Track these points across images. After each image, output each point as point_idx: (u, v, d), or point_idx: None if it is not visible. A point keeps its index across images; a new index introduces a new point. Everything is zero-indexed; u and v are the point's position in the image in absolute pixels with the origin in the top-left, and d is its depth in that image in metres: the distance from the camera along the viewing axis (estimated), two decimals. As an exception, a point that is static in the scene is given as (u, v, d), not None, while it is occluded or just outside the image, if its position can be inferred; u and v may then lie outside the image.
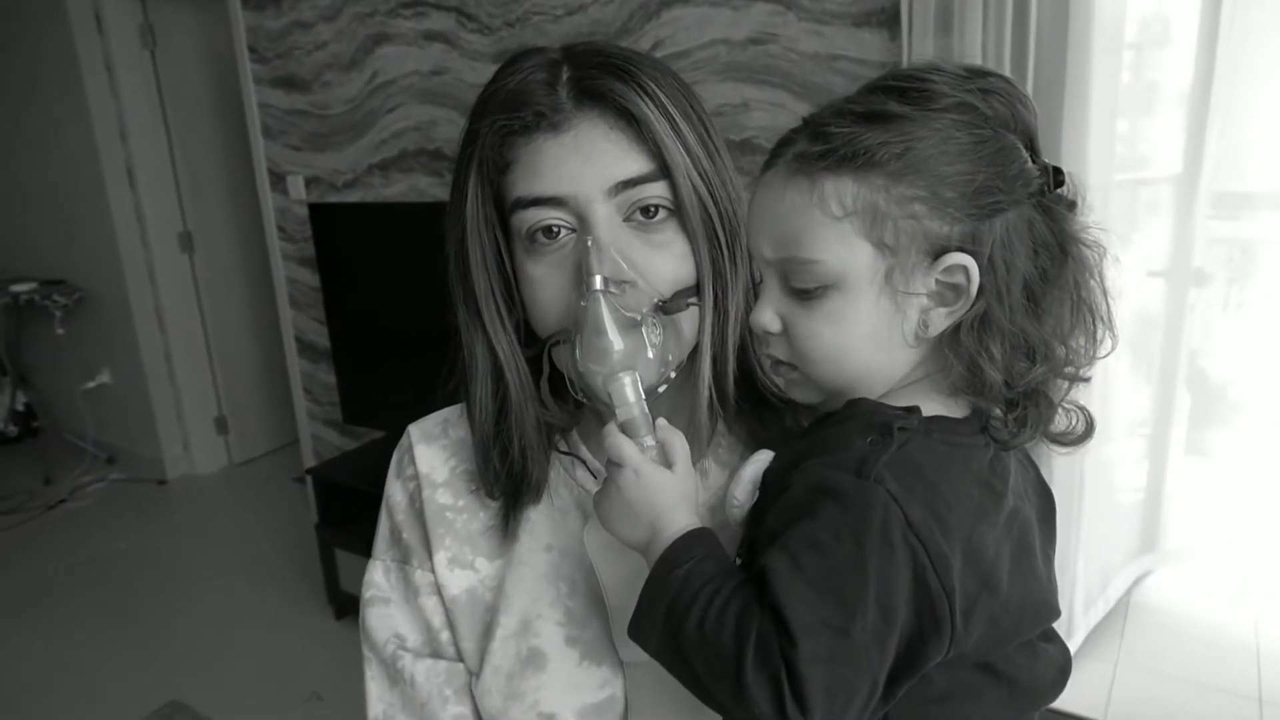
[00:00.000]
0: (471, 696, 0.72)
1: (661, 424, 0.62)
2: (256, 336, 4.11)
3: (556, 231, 0.63)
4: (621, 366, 0.60)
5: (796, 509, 0.53)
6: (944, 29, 1.77)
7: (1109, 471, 2.36)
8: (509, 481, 0.71)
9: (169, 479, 3.98)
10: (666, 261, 0.64)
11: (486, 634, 0.71)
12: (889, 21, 1.89)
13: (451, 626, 0.73)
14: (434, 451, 0.77)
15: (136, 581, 3.17)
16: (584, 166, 0.62)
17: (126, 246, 3.72)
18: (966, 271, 0.55)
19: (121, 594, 3.08)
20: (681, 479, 0.60)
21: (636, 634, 0.57)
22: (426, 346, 0.72)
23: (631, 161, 0.62)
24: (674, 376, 0.66)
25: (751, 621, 0.50)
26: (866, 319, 0.56)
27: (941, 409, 0.58)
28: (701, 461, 0.72)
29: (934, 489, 0.53)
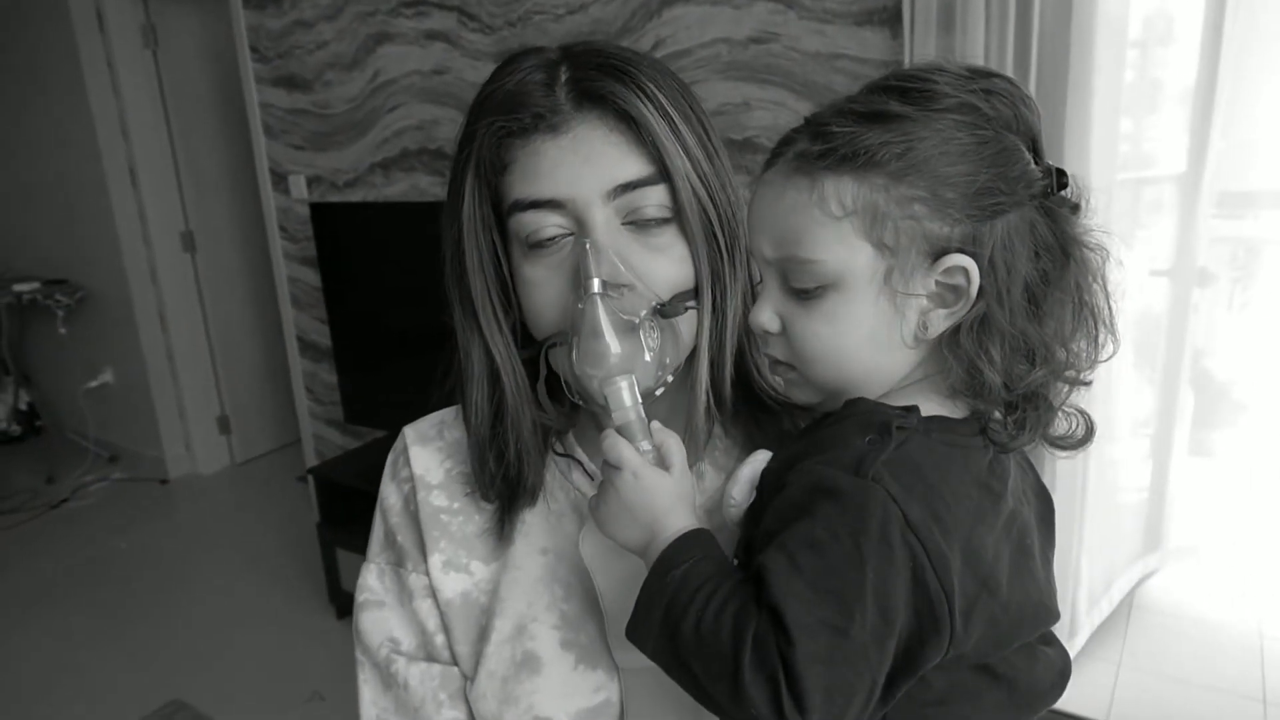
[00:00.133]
0: (466, 701, 0.71)
1: (657, 427, 0.61)
2: (259, 336, 4.11)
3: (554, 235, 0.63)
4: (618, 370, 0.60)
5: (794, 509, 0.53)
6: (946, 27, 1.76)
7: (1112, 471, 2.35)
8: (505, 484, 0.70)
9: (171, 478, 3.99)
10: (665, 265, 0.64)
11: (481, 638, 0.70)
12: (891, 20, 1.89)
13: (446, 630, 0.72)
14: (429, 453, 0.77)
15: (138, 580, 3.18)
16: (583, 169, 0.61)
17: (129, 246, 3.72)
18: (966, 273, 0.54)
19: (123, 593, 3.09)
20: (679, 481, 0.59)
21: (634, 636, 0.56)
22: (428, 346, 0.71)
23: (631, 164, 0.62)
24: (671, 380, 0.65)
25: (749, 621, 0.50)
26: (865, 319, 0.56)
27: (940, 409, 0.58)
28: (698, 464, 0.71)
29: (933, 489, 0.53)
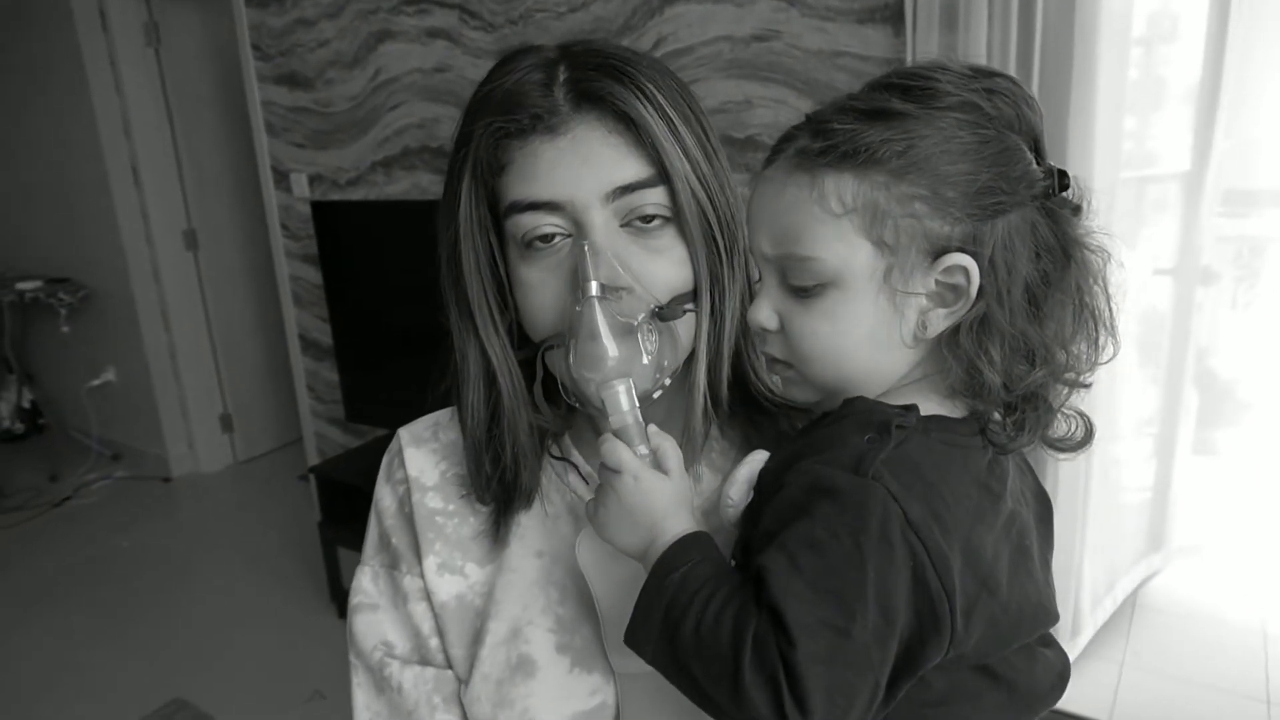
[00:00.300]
0: (460, 704, 0.71)
1: (654, 430, 0.61)
2: (261, 334, 4.11)
3: (552, 236, 0.62)
4: (616, 374, 0.59)
5: (793, 508, 0.52)
6: (949, 25, 1.75)
7: (1116, 470, 2.34)
8: (500, 487, 0.70)
9: (174, 476, 4.00)
10: (663, 267, 0.63)
11: (476, 641, 0.70)
12: (893, 18, 1.88)
13: (440, 633, 0.72)
14: (424, 455, 0.76)
15: (140, 579, 3.18)
16: (581, 170, 0.61)
17: (131, 244, 3.73)
18: (966, 272, 0.54)
19: (125, 591, 3.09)
20: (678, 484, 0.59)
21: (633, 641, 0.56)
22: (429, 345, 0.71)
23: (630, 166, 0.61)
24: (669, 383, 0.65)
25: (749, 622, 0.49)
26: (865, 318, 0.56)
27: (939, 409, 0.58)
28: (695, 467, 0.71)
29: (932, 488, 0.52)
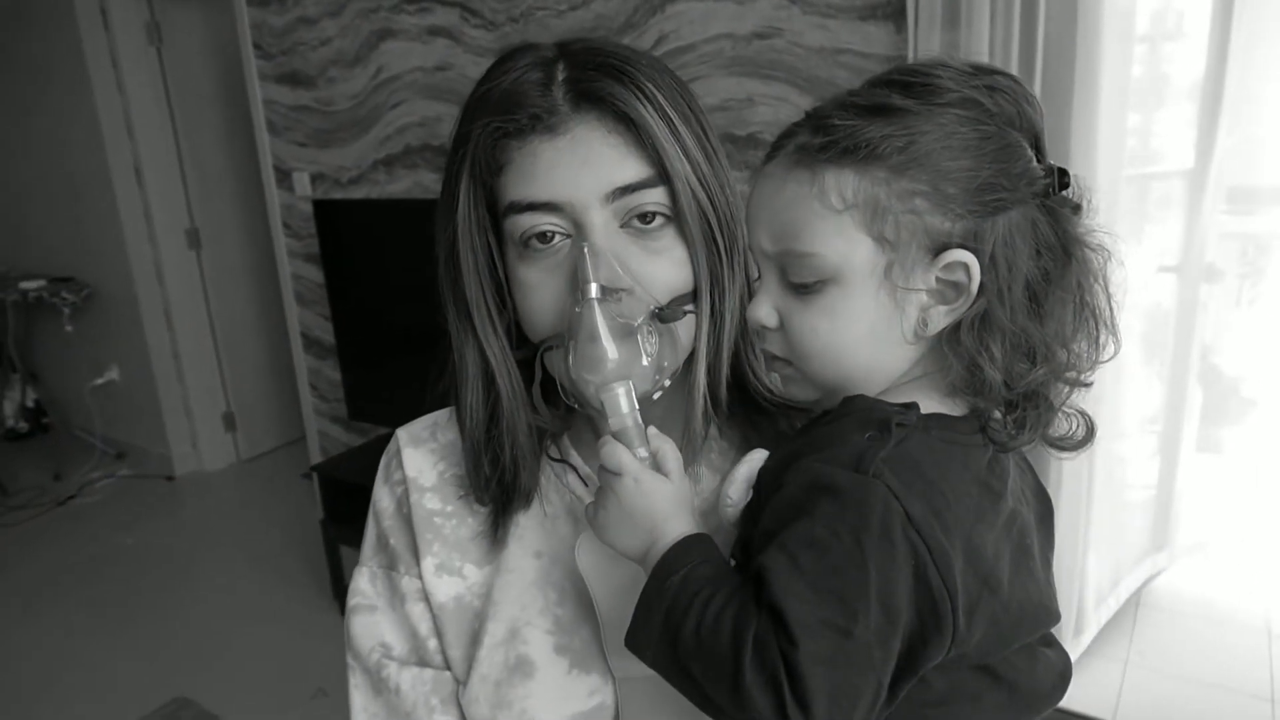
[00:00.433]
0: (458, 705, 0.70)
1: (653, 432, 0.61)
2: (264, 333, 4.12)
3: (551, 237, 0.62)
4: (615, 377, 0.59)
5: (793, 507, 0.52)
6: (951, 22, 1.75)
7: (1120, 468, 2.34)
8: (499, 488, 0.69)
9: (177, 475, 4.00)
10: (664, 268, 0.63)
11: (474, 641, 0.70)
12: (895, 15, 1.87)
13: (439, 634, 0.72)
14: (422, 455, 0.76)
15: (144, 577, 3.19)
16: (581, 171, 0.60)
17: (134, 243, 3.73)
18: (967, 269, 0.54)
19: (129, 589, 3.10)
20: (678, 486, 0.59)
21: (633, 644, 0.55)
22: (431, 343, 0.71)
23: (630, 167, 0.61)
24: (668, 384, 0.64)
25: (749, 622, 0.49)
26: (865, 315, 0.55)
27: (940, 407, 0.57)
28: (693, 467, 0.70)
29: (932, 485, 0.52)
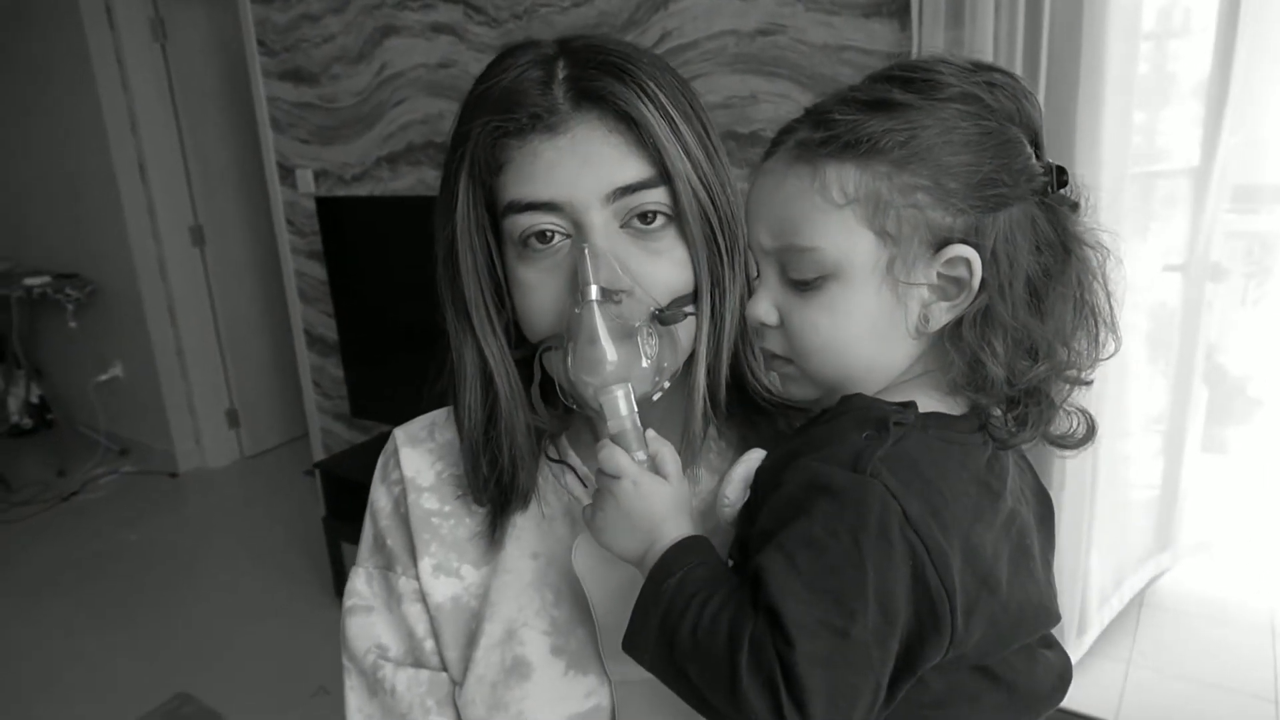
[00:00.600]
0: (454, 706, 0.70)
1: (651, 435, 0.60)
2: (267, 330, 4.12)
3: (551, 236, 0.61)
4: (615, 379, 0.58)
5: (790, 507, 0.52)
6: (955, 19, 1.74)
7: (1124, 467, 2.33)
8: (497, 488, 0.69)
9: (180, 471, 4.01)
10: (664, 269, 0.62)
11: (471, 642, 0.69)
12: (899, 12, 1.86)
13: (435, 635, 0.72)
14: (420, 455, 0.76)
15: (147, 573, 3.19)
16: (581, 171, 0.59)
17: (138, 240, 3.74)
18: (969, 264, 0.53)
19: (132, 586, 3.10)
20: (677, 488, 0.59)
21: (630, 648, 0.55)
22: (433, 341, 0.71)
23: (630, 166, 0.60)
24: (668, 386, 0.64)
25: (746, 623, 0.49)
26: (866, 310, 0.55)
27: (939, 406, 0.57)
28: (692, 469, 0.70)
29: (930, 485, 0.52)
